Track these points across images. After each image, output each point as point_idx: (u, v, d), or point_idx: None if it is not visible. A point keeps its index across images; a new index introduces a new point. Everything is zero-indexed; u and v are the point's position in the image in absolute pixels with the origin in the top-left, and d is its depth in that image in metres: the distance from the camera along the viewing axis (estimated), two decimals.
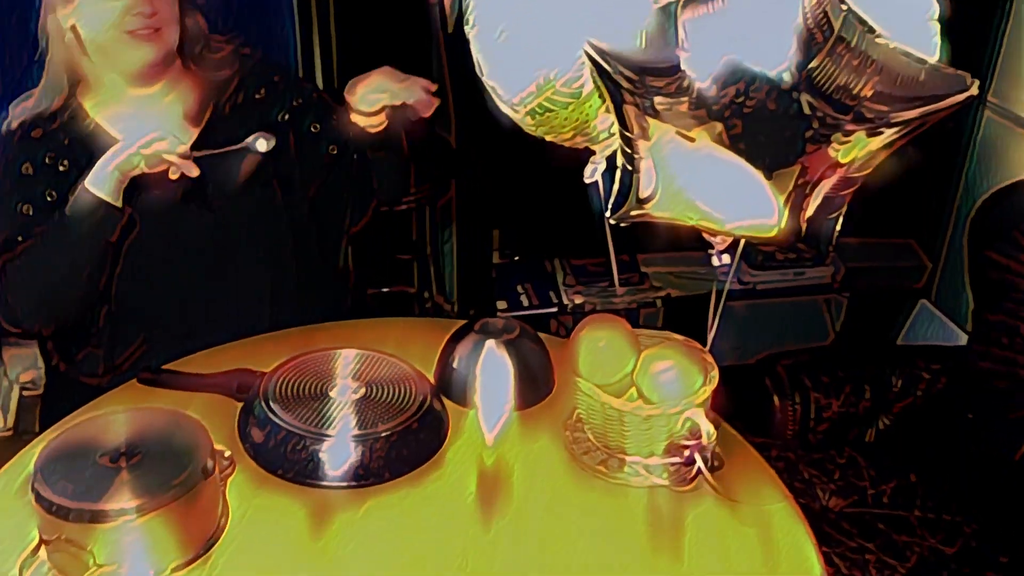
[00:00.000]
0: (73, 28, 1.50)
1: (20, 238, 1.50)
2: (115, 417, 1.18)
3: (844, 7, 1.06)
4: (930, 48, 1.16)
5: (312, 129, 1.70)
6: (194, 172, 1.45)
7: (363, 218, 1.77)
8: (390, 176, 1.72)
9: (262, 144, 1.51)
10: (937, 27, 1.17)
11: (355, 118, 1.60)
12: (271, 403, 1.33)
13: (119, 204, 1.46)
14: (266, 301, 1.67)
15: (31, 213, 1.52)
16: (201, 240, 1.60)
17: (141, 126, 1.48)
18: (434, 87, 1.58)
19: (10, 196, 1.52)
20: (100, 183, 1.44)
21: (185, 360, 1.49)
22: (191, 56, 1.62)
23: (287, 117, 1.69)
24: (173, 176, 1.45)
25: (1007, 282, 1.75)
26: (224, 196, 1.59)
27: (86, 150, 1.53)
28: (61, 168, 1.54)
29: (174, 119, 1.61)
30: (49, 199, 1.52)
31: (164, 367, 1.46)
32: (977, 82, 1.07)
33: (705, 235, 1.30)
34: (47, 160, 1.53)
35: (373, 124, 1.60)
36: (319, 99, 1.74)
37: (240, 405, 1.37)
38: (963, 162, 2.23)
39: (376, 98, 1.57)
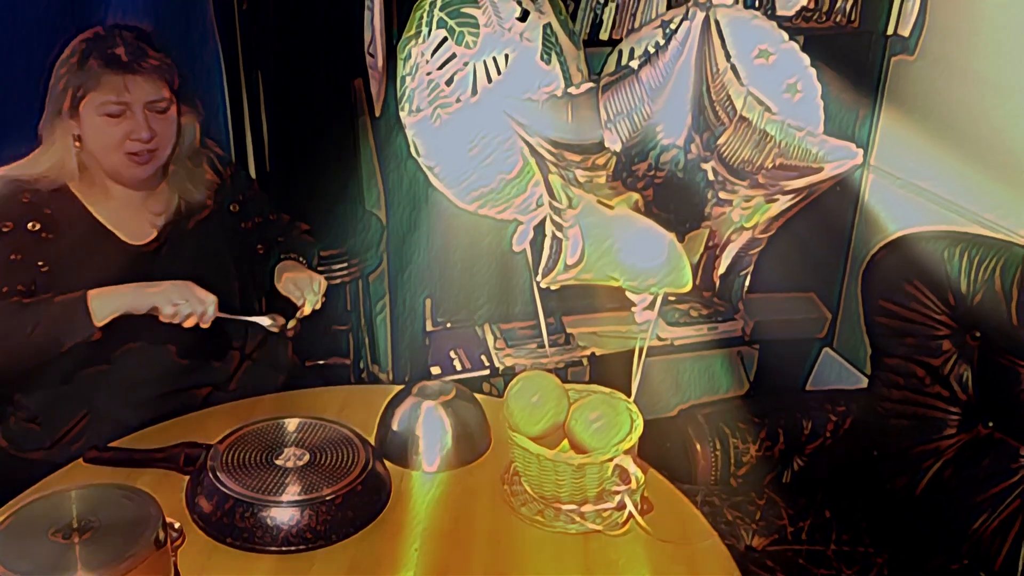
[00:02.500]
0: (77, 137, 1.55)
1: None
2: (65, 494, 1.19)
3: (743, 88, 1.20)
4: (816, 124, 1.31)
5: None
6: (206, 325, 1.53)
7: None
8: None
9: (268, 323, 1.64)
10: (821, 104, 1.33)
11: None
12: (218, 473, 1.36)
13: (99, 325, 1.49)
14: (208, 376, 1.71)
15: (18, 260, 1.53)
16: (150, 328, 1.64)
17: (122, 216, 1.57)
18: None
19: None
20: (104, 310, 1.48)
21: (131, 437, 1.51)
22: (181, 165, 1.67)
23: (250, 226, 1.80)
24: (186, 325, 1.51)
25: (900, 328, 1.90)
26: None
27: (71, 228, 1.56)
28: (44, 236, 1.55)
29: (150, 214, 1.66)
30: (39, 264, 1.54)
31: (110, 444, 1.48)
32: (862, 151, 1.22)
33: (628, 295, 1.41)
34: (30, 227, 1.54)
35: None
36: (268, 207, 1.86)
37: (187, 477, 1.40)
38: (853, 220, 2.42)
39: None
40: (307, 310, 1.64)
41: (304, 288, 1.67)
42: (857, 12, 2.17)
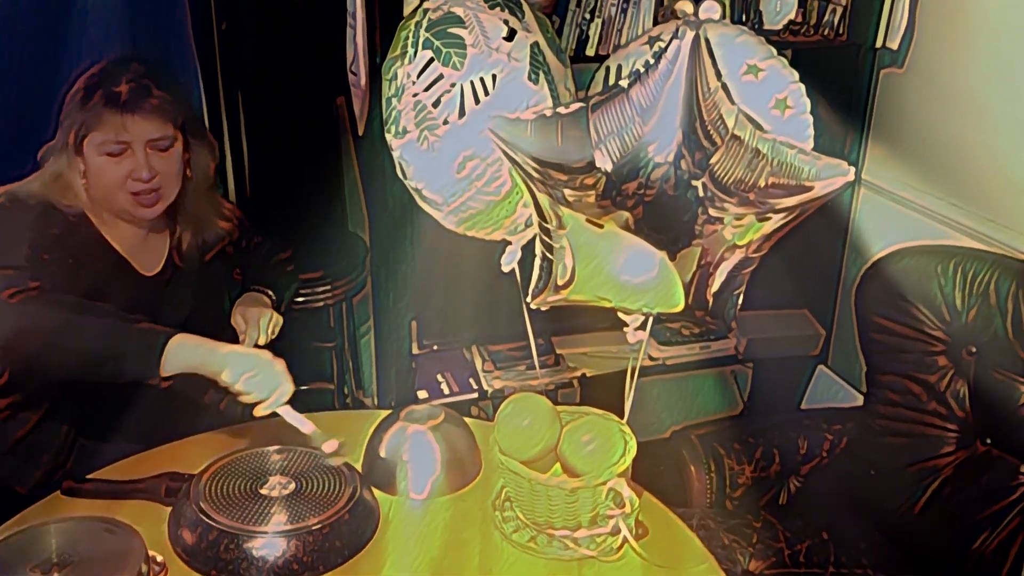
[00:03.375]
0: (83, 174, 1.51)
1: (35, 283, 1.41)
2: (44, 527, 1.16)
3: (734, 107, 1.18)
4: (805, 139, 1.29)
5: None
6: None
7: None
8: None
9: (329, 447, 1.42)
10: (811, 119, 1.31)
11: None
12: (201, 504, 1.32)
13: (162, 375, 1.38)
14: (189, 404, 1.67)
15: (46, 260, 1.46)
16: None
17: (135, 245, 1.57)
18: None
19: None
20: (177, 361, 1.36)
21: (110, 468, 1.47)
22: (194, 200, 1.64)
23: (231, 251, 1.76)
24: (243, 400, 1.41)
25: (895, 345, 1.88)
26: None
27: (86, 253, 1.53)
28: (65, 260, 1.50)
29: (163, 246, 1.64)
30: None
31: (88, 476, 1.44)
32: (853, 168, 1.20)
33: (620, 314, 1.38)
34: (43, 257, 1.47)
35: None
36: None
37: (169, 508, 1.36)
38: (845, 235, 2.41)
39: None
40: (243, 348, 1.50)
41: (251, 323, 1.60)
42: (845, 25, 2.17)
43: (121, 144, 1.48)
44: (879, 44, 2.18)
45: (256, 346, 1.56)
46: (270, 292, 1.72)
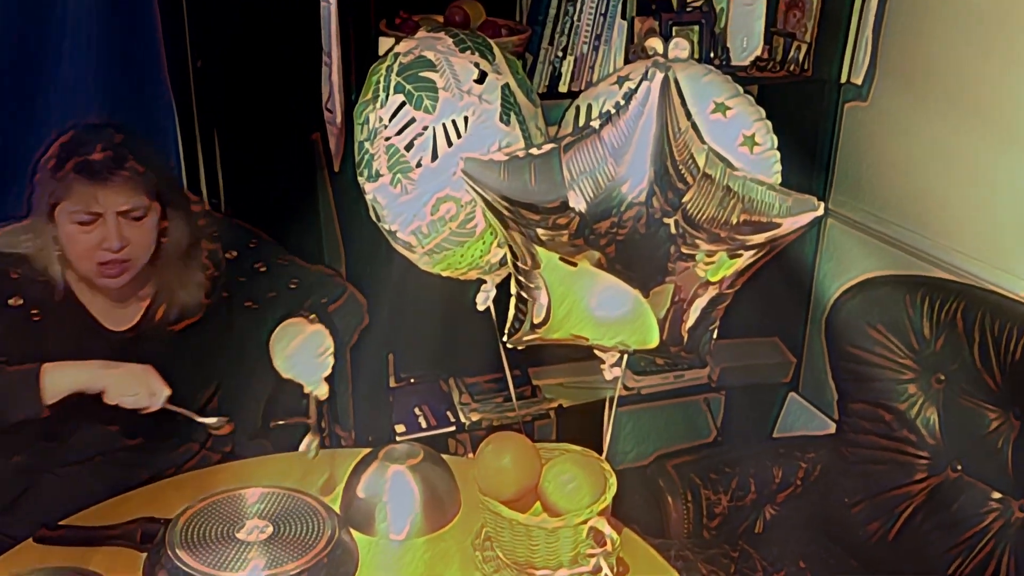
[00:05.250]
0: (55, 238, 1.50)
1: None
2: None
3: (704, 146, 1.20)
4: (773, 176, 1.31)
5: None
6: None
7: None
8: None
9: (214, 423, 1.56)
10: (777, 155, 1.33)
11: None
12: (177, 550, 1.31)
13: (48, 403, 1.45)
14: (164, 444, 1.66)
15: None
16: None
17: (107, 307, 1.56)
18: None
19: None
20: (57, 387, 1.44)
21: (83, 513, 1.45)
22: (169, 269, 1.61)
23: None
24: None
25: (865, 373, 1.91)
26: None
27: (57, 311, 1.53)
28: (32, 316, 1.52)
29: (135, 308, 1.62)
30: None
31: (60, 523, 1.42)
32: (823, 204, 1.23)
33: (596, 352, 1.39)
34: (10, 303, 1.51)
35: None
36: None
37: (144, 555, 1.34)
38: (813, 264, 2.44)
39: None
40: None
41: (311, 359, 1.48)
42: (810, 61, 2.21)
43: (92, 214, 1.46)
44: (844, 79, 2.23)
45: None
46: (311, 316, 1.56)
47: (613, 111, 1.19)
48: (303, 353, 1.47)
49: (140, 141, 1.53)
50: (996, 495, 1.72)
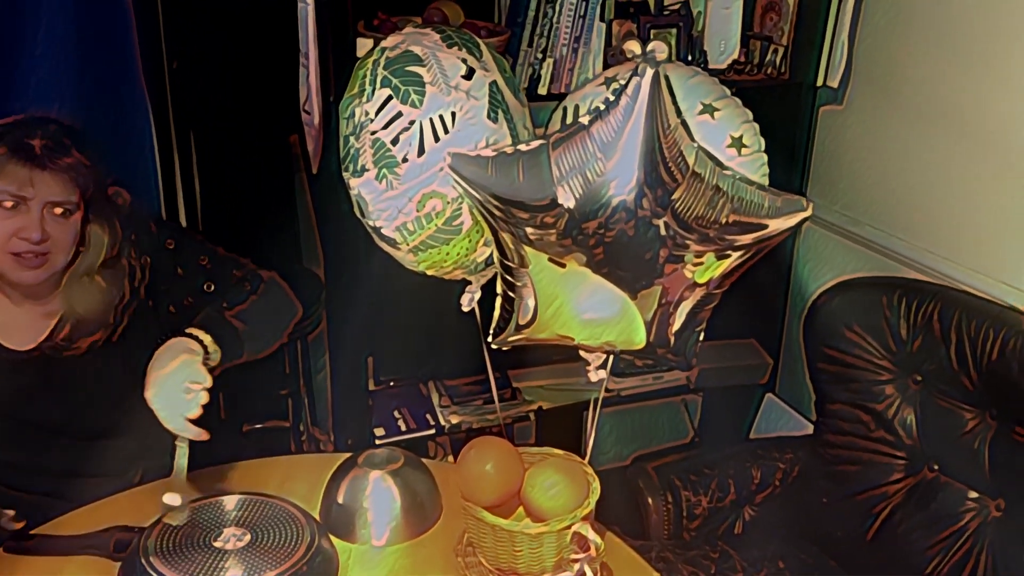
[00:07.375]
0: None
1: None
2: None
3: (694, 144, 1.19)
4: (759, 177, 1.31)
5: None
6: None
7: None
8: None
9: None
10: (765, 157, 1.33)
11: None
12: (151, 559, 1.28)
13: None
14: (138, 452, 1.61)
15: None
16: (78, 401, 1.55)
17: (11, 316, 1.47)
18: None
19: None
20: None
21: (55, 522, 1.41)
22: (75, 282, 1.50)
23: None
24: None
25: (843, 374, 1.91)
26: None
27: None
28: None
29: (41, 322, 1.52)
30: None
31: (32, 531, 1.38)
32: (812, 204, 1.22)
33: (582, 353, 1.38)
34: None
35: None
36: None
37: (118, 564, 1.31)
38: (790, 265, 2.46)
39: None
40: (183, 438, 1.30)
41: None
42: (787, 64, 2.23)
43: (17, 198, 1.38)
44: (820, 83, 2.25)
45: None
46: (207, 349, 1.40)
47: (602, 107, 1.18)
48: (168, 385, 1.31)
49: (86, 139, 1.45)
50: (973, 494, 1.73)
